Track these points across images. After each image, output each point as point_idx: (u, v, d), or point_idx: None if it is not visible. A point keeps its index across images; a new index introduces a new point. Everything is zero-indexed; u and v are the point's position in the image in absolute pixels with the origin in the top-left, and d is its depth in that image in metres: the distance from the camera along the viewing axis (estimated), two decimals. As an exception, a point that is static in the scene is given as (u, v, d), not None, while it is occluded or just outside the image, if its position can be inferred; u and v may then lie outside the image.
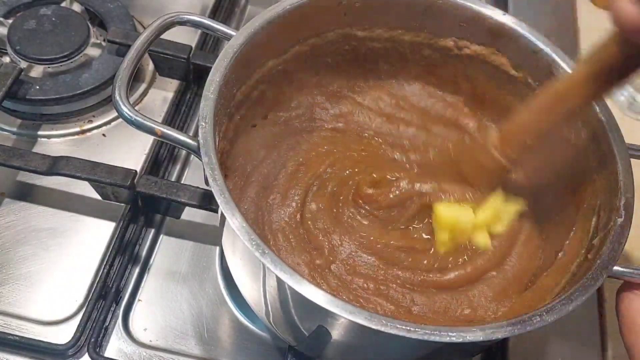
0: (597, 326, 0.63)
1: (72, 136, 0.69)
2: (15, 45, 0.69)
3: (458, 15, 0.57)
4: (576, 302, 0.42)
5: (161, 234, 0.65)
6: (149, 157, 0.68)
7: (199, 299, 0.61)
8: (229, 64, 0.50)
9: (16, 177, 0.65)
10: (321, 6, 0.56)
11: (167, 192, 0.59)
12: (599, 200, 0.50)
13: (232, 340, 0.60)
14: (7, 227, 0.62)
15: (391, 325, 0.39)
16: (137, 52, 0.50)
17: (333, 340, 0.45)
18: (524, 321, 0.41)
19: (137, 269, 0.62)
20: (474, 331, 0.39)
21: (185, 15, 0.53)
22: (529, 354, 0.61)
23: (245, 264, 0.48)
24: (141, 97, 0.73)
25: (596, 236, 0.48)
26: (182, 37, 0.72)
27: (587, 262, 0.47)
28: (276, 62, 0.57)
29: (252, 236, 0.41)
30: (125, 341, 0.58)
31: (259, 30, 0.52)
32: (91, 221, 0.64)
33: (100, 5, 0.76)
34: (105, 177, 0.60)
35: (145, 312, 0.60)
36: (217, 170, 0.44)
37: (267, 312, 0.50)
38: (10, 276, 0.60)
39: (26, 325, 0.57)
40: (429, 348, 0.43)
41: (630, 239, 0.46)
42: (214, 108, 0.47)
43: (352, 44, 0.60)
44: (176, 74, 0.73)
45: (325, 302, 0.39)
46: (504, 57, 0.57)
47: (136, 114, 0.47)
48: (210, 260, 0.64)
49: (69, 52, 0.70)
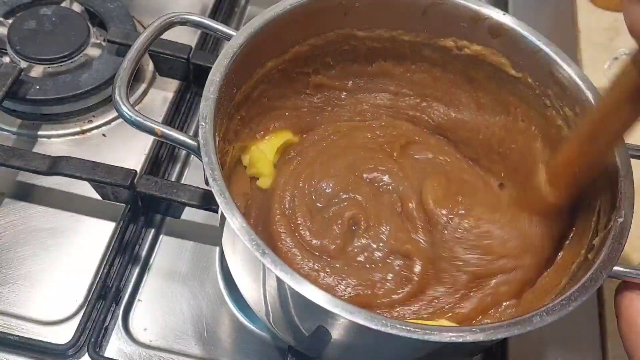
0: (597, 326, 0.63)
1: (72, 136, 0.69)
2: (15, 45, 0.69)
3: (458, 15, 0.57)
4: (576, 302, 0.42)
5: (161, 234, 0.65)
6: (149, 157, 0.68)
7: (199, 299, 0.61)
8: (229, 64, 0.50)
9: (16, 177, 0.65)
10: (321, 6, 0.56)
11: (167, 192, 0.59)
12: (599, 200, 0.50)
13: (232, 340, 0.60)
14: (7, 227, 0.62)
15: (391, 325, 0.39)
16: (137, 52, 0.50)
17: (333, 340, 0.45)
18: (524, 321, 0.41)
19: (137, 269, 0.63)
20: (474, 331, 0.39)
21: (185, 15, 0.53)
22: (529, 354, 0.61)
23: (245, 264, 0.48)
24: (141, 97, 0.73)
25: (596, 236, 0.48)
26: (182, 37, 0.72)
27: (587, 262, 0.47)
28: (276, 62, 0.57)
29: (252, 236, 0.41)
30: (125, 341, 0.58)
31: (259, 30, 0.52)
32: (91, 221, 0.64)
33: (100, 5, 0.76)
34: (105, 177, 0.60)
35: (145, 312, 0.60)
36: (217, 170, 0.44)
37: (267, 312, 0.50)
38: (10, 276, 0.60)
39: (26, 325, 0.57)
40: (429, 348, 0.43)
41: (630, 239, 0.46)
42: (214, 108, 0.47)
43: (352, 44, 0.60)
44: (176, 74, 0.73)
45: (325, 302, 0.39)
46: (504, 57, 0.57)
47: (136, 114, 0.47)
48: (210, 260, 0.64)
49: (69, 52, 0.70)
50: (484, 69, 0.59)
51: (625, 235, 0.46)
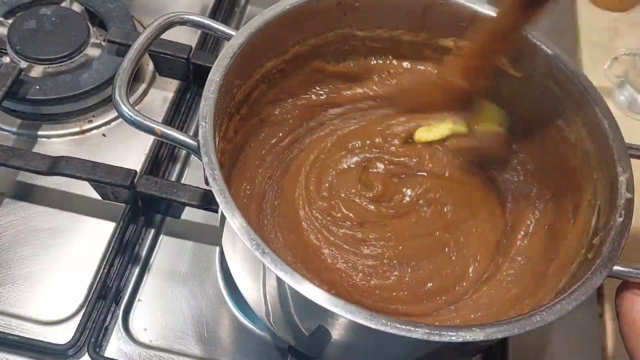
0: (597, 326, 0.63)
1: (72, 136, 0.69)
2: (16, 45, 0.69)
3: (458, 15, 0.57)
4: (576, 302, 0.42)
5: (161, 234, 0.65)
6: (149, 157, 0.68)
7: (199, 299, 0.61)
8: (229, 64, 0.50)
9: (16, 177, 0.65)
10: (321, 6, 0.56)
11: (167, 192, 0.59)
12: (598, 200, 0.50)
13: (232, 340, 0.60)
14: (7, 227, 0.62)
15: (391, 325, 0.38)
16: (137, 52, 0.50)
17: (333, 340, 0.45)
18: (524, 321, 0.41)
19: (137, 269, 0.63)
20: (474, 331, 0.39)
21: (185, 15, 0.53)
22: (529, 353, 0.61)
23: (245, 264, 0.48)
24: (141, 97, 0.73)
25: (596, 236, 0.48)
26: (182, 37, 0.72)
27: (587, 262, 0.47)
28: (276, 62, 0.57)
29: (252, 236, 0.41)
30: (125, 341, 0.58)
31: (259, 30, 0.52)
32: (91, 221, 0.64)
33: (100, 5, 0.76)
34: (105, 177, 0.60)
35: (145, 312, 0.60)
36: (217, 170, 0.44)
37: (267, 312, 0.50)
38: (10, 276, 0.60)
39: (26, 325, 0.57)
40: (429, 348, 0.43)
41: (630, 239, 0.46)
42: (214, 108, 0.47)
43: (352, 44, 0.60)
44: (176, 74, 0.73)
45: (325, 302, 0.39)
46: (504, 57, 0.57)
47: (136, 113, 0.47)
48: (210, 260, 0.64)
49: (69, 52, 0.70)
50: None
51: (625, 235, 0.46)
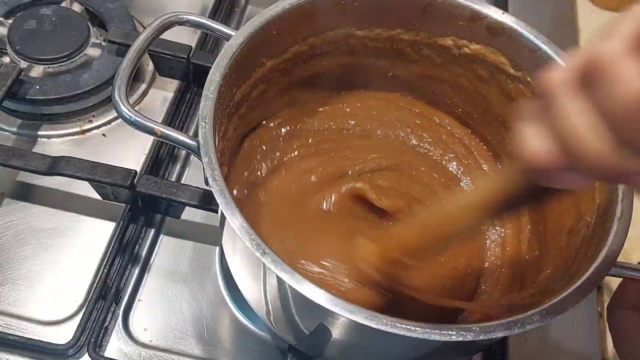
0: (597, 326, 0.63)
1: (72, 136, 0.69)
2: (15, 45, 0.69)
3: (457, 14, 0.57)
4: (576, 302, 0.42)
5: (161, 234, 0.65)
6: (149, 157, 0.68)
7: (199, 299, 0.61)
8: (229, 64, 0.49)
9: (16, 177, 0.65)
10: (320, 6, 0.56)
11: (167, 192, 0.59)
12: (598, 200, 0.50)
13: (232, 340, 0.60)
14: (7, 227, 0.62)
15: (391, 324, 0.39)
16: (137, 52, 0.50)
17: (333, 339, 0.45)
18: (524, 320, 0.41)
19: (137, 269, 0.63)
20: (474, 330, 0.39)
21: (185, 15, 0.53)
22: (529, 353, 0.61)
23: (246, 264, 0.48)
24: (141, 97, 0.73)
25: (596, 235, 0.48)
26: (182, 37, 0.72)
27: (586, 262, 0.47)
28: (276, 62, 0.57)
29: (252, 236, 0.41)
30: (125, 341, 0.58)
31: (259, 30, 0.52)
32: (91, 221, 0.64)
33: (100, 5, 0.76)
34: (105, 177, 0.60)
35: (145, 312, 0.60)
36: (217, 170, 0.44)
37: (267, 312, 0.50)
38: (10, 276, 0.60)
39: (26, 325, 0.57)
40: (429, 347, 0.43)
41: (630, 239, 0.46)
42: (214, 108, 0.47)
43: (352, 43, 0.60)
44: (176, 74, 0.73)
45: (326, 302, 0.39)
46: (504, 57, 0.57)
47: (136, 114, 0.47)
48: (210, 260, 0.64)
49: (69, 52, 0.70)
50: (484, 68, 0.59)
51: (625, 235, 0.46)
